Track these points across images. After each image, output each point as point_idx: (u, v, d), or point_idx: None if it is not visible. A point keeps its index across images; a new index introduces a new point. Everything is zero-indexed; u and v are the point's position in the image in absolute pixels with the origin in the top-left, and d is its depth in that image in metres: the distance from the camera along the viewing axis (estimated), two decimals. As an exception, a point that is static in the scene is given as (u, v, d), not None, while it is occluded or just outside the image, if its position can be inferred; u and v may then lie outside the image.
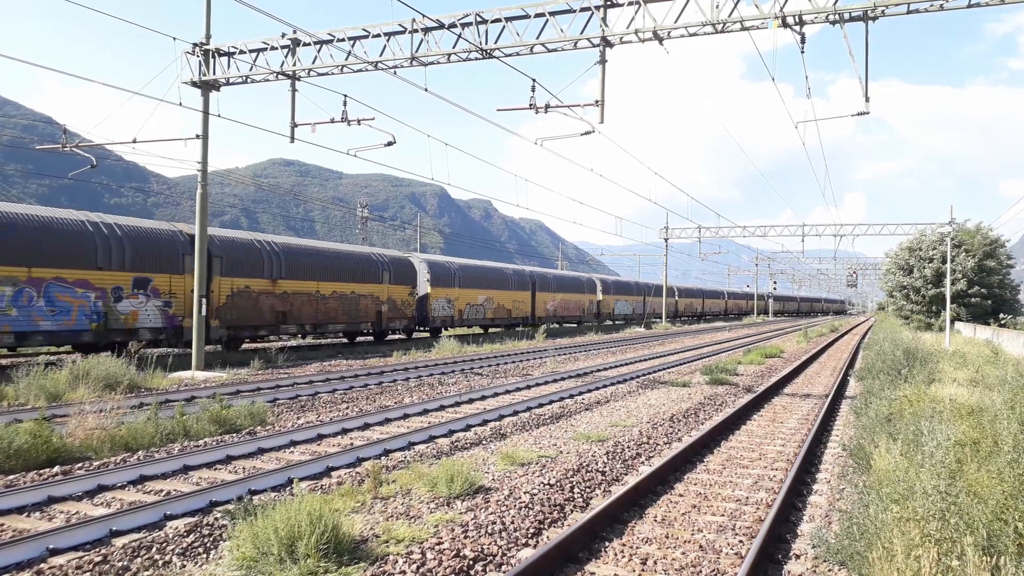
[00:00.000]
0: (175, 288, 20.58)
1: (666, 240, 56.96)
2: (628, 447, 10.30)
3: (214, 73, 18.70)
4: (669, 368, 22.70)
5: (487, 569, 5.68)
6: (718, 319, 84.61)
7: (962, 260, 40.37)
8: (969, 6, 13.31)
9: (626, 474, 8.92)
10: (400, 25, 16.71)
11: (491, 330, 40.29)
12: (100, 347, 18.82)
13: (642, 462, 9.57)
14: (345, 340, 30.36)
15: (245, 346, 25.49)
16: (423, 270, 33.23)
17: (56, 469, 8.40)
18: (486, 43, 15.89)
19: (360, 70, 17.57)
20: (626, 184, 27.66)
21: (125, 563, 5.61)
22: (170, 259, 20.59)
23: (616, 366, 22.67)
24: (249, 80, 18.83)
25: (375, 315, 28.92)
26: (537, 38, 15.61)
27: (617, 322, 57.74)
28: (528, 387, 16.97)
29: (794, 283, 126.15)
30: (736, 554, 6.14)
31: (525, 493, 7.65)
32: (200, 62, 18.63)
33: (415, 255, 34.85)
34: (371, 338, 30.68)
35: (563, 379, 18.75)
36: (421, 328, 33.69)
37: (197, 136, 18.69)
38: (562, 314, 48.28)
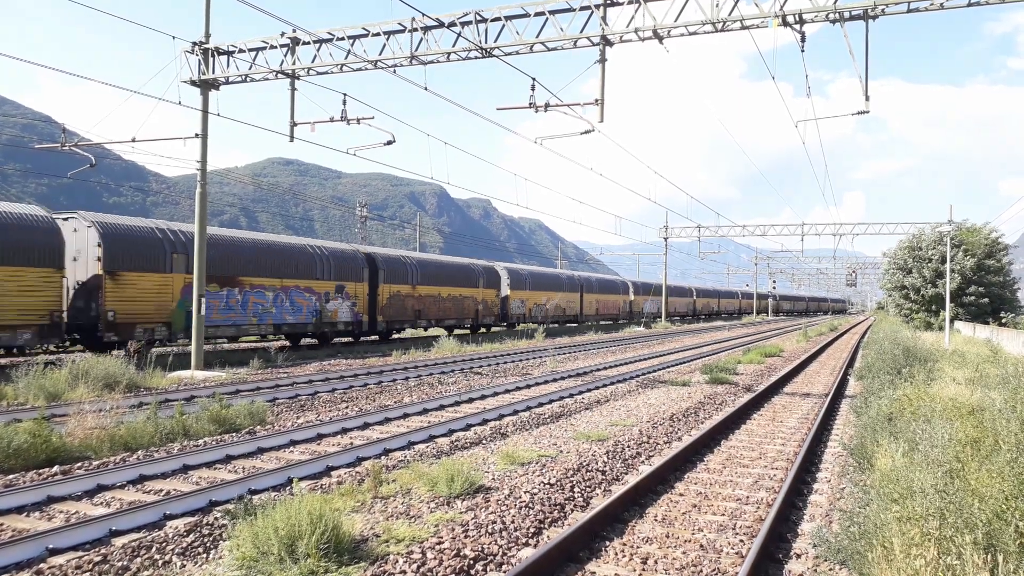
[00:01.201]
0: (357, 292, 28.21)
1: (666, 239, 56.96)
2: (628, 446, 10.30)
3: (213, 72, 18.68)
4: (669, 367, 22.70)
5: (487, 569, 5.67)
6: (732, 317, 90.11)
7: (961, 260, 40.34)
8: (969, 5, 13.30)
9: (626, 473, 8.91)
10: (400, 24, 16.69)
11: (550, 325, 46.29)
12: (316, 336, 27.15)
13: (642, 461, 9.57)
14: (445, 332, 35.93)
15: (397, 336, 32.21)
16: (504, 276, 40.57)
17: (55, 469, 8.39)
18: (486, 42, 15.88)
19: (360, 69, 17.55)
20: (626, 183, 27.68)
21: (125, 563, 5.60)
22: (353, 271, 28.08)
23: (616, 365, 22.67)
24: (248, 79, 18.81)
25: (474, 312, 36.83)
26: (537, 37, 15.60)
27: (642, 319, 63.85)
28: (528, 386, 16.97)
29: (793, 282, 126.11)
30: (737, 553, 6.13)
31: (525, 492, 7.65)
32: (199, 61, 18.61)
33: (498, 264, 42.05)
34: (466, 330, 37.53)
35: (563, 378, 18.74)
36: (503, 323, 40.59)
37: (196, 135, 18.67)
38: (603, 313, 55.43)
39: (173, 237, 21.28)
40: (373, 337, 30.44)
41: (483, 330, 38.24)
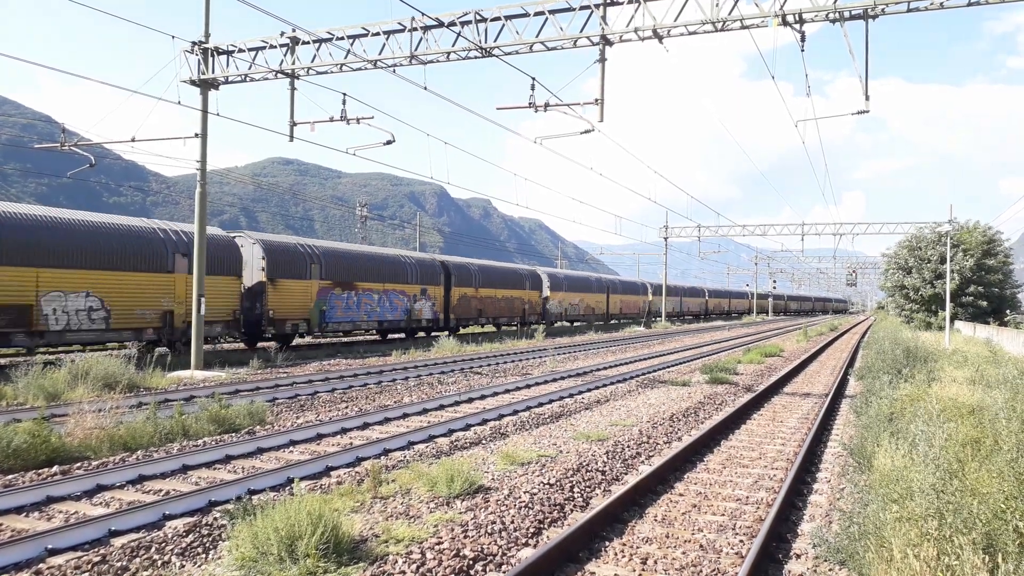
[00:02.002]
0: (435, 294, 33.17)
1: (666, 239, 56.96)
2: (628, 446, 10.29)
3: (213, 72, 18.67)
4: (669, 367, 22.69)
5: (487, 569, 5.67)
6: (731, 317, 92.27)
7: (960, 259, 40.28)
8: (969, 4, 13.30)
9: (626, 473, 8.91)
10: (399, 23, 16.69)
11: (579, 323, 51.31)
12: (405, 331, 32.49)
13: (642, 461, 9.56)
14: (493, 328, 41.85)
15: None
16: (545, 280, 45.49)
17: (55, 469, 8.38)
18: (485, 41, 15.87)
19: (359, 69, 17.55)
20: (626, 183, 27.72)
21: (124, 563, 5.59)
22: (433, 276, 32.93)
23: (615, 365, 22.66)
24: (248, 79, 18.80)
25: (521, 311, 42.11)
26: (537, 36, 15.59)
27: (657, 318, 68.91)
28: (528, 386, 16.96)
29: (793, 282, 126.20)
30: (737, 554, 6.13)
31: (525, 493, 7.64)
32: (199, 61, 18.60)
33: (540, 268, 46.77)
34: (514, 327, 42.69)
35: (563, 378, 18.73)
36: (543, 321, 44.88)
37: (196, 135, 18.66)
38: (626, 312, 60.77)
39: (311, 251, 26.30)
40: (445, 332, 34.74)
41: (525, 327, 43.04)
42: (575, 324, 50.83)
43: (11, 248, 16.66)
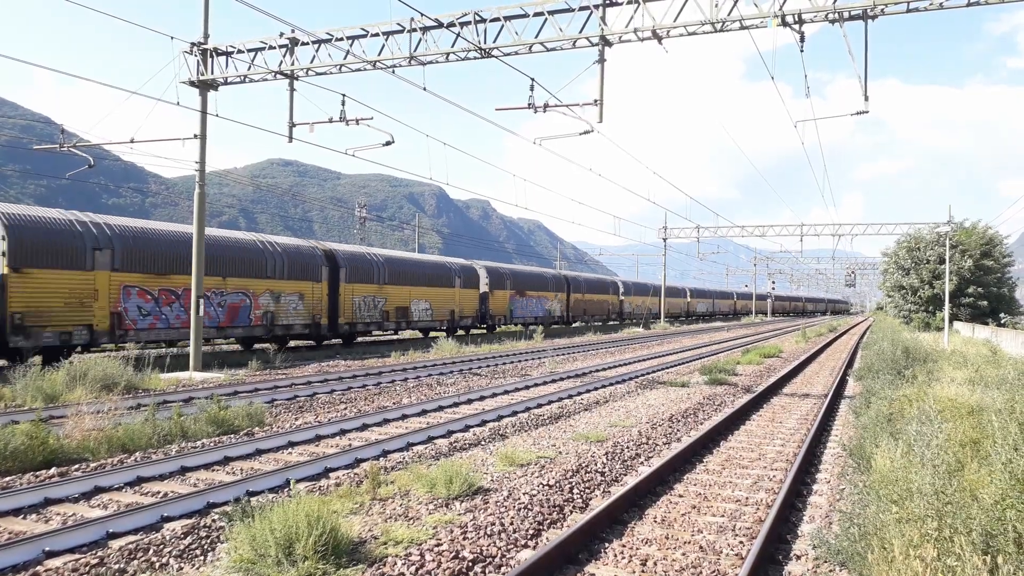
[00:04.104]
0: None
1: (664, 240, 56.95)
2: (627, 447, 10.28)
3: (212, 73, 18.65)
4: (668, 368, 22.68)
5: (486, 571, 5.65)
6: (728, 318, 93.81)
7: (958, 260, 40.26)
8: (968, 5, 13.30)
9: (625, 475, 8.89)
10: (399, 24, 16.67)
11: (597, 323, 57.21)
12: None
13: (641, 462, 9.55)
14: (578, 324, 52.23)
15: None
16: (620, 285, 60.32)
17: (53, 470, 8.35)
18: (485, 42, 15.86)
19: (359, 69, 17.53)
20: (625, 184, 27.62)
21: (122, 565, 5.58)
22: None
23: (615, 366, 22.65)
24: (247, 80, 18.78)
25: (607, 312, 56.42)
26: (536, 37, 15.58)
27: (689, 318, 78.61)
28: (527, 387, 16.94)
29: (792, 283, 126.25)
30: (736, 555, 6.11)
31: (524, 494, 7.62)
32: (198, 62, 18.58)
33: (616, 277, 60.31)
34: (599, 323, 54.75)
35: (562, 379, 18.72)
36: (621, 319, 58.98)
37: (195, 136, 18.64)
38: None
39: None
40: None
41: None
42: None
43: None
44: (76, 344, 18.64)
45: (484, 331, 39.86)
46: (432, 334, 34.46)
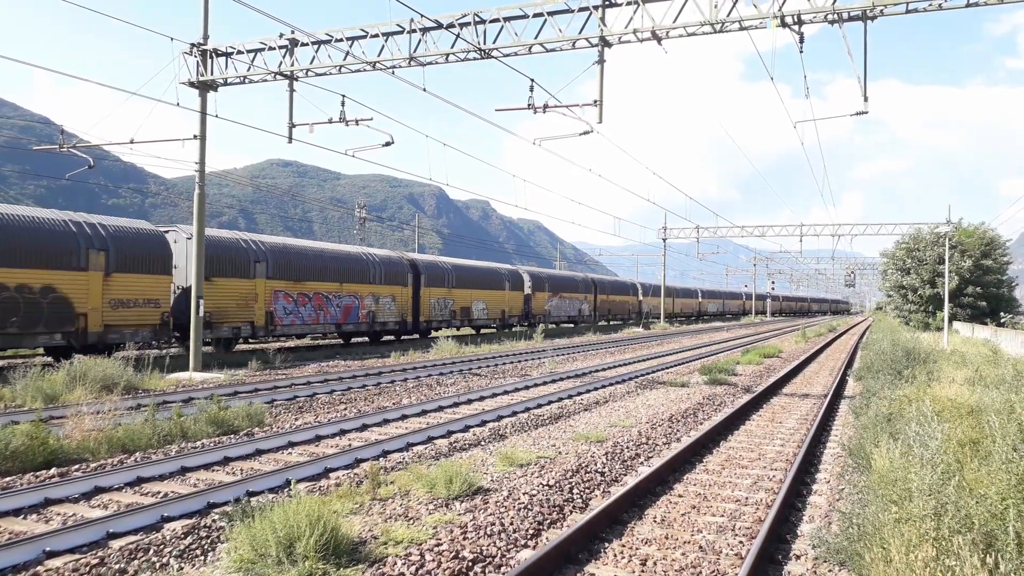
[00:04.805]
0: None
1: (664, 240, 56.97)
2: (627, 447, 10.29)
3: (212, 73, 18.66)
4: (667, 368, 22.69)
5: (486, 571, 5.66)
6: (728, 318, 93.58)
7: (957, 260, 40.24)
8: (968, 5, 13.31)
9: (625, 475, 8.90)
10: (398, 25, 16.68)
11: (613, 321, 60.70)
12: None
13: (641, 463, 9.55)
14: (603, 323, 56.07)
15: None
16: (639, 287, 64.55)
17: (53, 471, 8.36)
18: (484, 43, 15.87)
19: (358, 70, 17.54)
20: (624, 184, 27.64)
21: (122, 565, 5.58)
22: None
23: (614, 366, 22.66)
24: (247, 80, 18.79)
25: (628, 311, 60.67)
26: (535, 38, 15.59)
27: (698, 318, 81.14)
28: (527, 388, 16.95)
29: (792, 283, 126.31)
30: (736, 555, 6.12)
31: (524, 494, 7.63)
32: (198, 62, 18.59)
33: (636, 280, 64.28)
34: (620, 321, 59.24)
35: (562, 380, 18.72)
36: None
37: (195, 137, 18.65)
38: (680, 312, 73.12)
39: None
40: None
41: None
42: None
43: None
44: (243, 336, 23.44)
45: (526, 327, 43.16)
46: (483, 331, 39.97)
